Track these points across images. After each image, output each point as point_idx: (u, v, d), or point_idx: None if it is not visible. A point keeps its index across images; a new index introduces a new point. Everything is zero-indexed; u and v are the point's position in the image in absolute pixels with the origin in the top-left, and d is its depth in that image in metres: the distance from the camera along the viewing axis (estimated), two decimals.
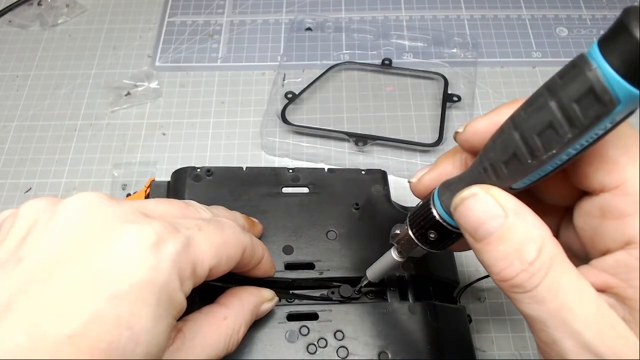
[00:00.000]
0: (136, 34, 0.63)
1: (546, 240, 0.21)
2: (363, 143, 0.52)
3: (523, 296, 0.21)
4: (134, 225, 0.24)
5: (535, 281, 0.21)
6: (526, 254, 0.21)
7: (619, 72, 0.17)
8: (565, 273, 0.21)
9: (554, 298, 0.20)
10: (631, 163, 0.21)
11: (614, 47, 0.18)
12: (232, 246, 0.27)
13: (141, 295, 0.22)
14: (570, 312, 0.20)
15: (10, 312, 0.21)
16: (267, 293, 0.32)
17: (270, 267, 0.33)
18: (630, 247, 0.20)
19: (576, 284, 0.21)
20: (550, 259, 0.21)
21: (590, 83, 0.18)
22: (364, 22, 0.63)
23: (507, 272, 0.21)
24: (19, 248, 0.23)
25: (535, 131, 0.20)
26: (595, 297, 0.21)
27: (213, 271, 0.26)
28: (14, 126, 0.55)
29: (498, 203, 0.22)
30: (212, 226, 0.27)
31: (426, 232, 0.26)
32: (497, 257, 0.22)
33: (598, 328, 0.20)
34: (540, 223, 0.22)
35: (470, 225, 0.23)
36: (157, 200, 0.29)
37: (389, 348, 0.32)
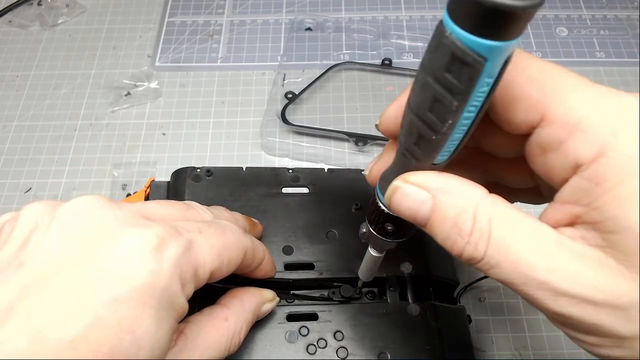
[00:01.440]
0: (136, 34, 0.63)
1: (479, 204, 0.21)
2: (363, 143, 0.52)
3: (481, 265, 0.21)
4: (135, 229, 0.24)
5: (482, 249, 0.20)
6: (463, 226, 0.21)
7: (471, 31, 0.17)
8: (509, 228, 0.20)
9: (507, 256, 0.20)
10: (543, 91, 0.21)
11: (459, 8, 0.17)
12: (233, 249, 0.27)
13: (143, 299, 0.22)
14: (528, 264, 0.20)
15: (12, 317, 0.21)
16: (268, 293, 0.32)
17: (271, 268, 0.33)
18: (580, 169, 0.20)
19: (527, 233, 0.20)
20: (488, 221, 0.21)
21: (450, 50, 0.18)
22: (364, 22, 0.63)
23: (455, 249, 0.21)
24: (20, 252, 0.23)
25: (426, 108, 0.20)
26: (553, 238, 0.20)
27: (214, 274, 0.26)
28: (14, 126, 0.55)
29: (421, 187, 0.22)
30: (213, 229, 0.27)
31: (383, 225, 0.27)
32: (442, 237, 0.22)
33: (565, 269, 0.20)
34: (469, 188, 0.21)
35: (407, 216, 0.23)
36: (157, 203, 0.29)
37: (388, 348, 0.32)
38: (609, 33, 0.62)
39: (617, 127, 0.19)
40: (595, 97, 0.20)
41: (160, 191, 0.39)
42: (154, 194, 0.39)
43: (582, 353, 0.41)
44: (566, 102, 0.20)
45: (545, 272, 0.20)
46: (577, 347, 0.41)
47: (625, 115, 0.19)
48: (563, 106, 0.20)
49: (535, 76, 0.21)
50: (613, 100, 0.20)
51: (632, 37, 0.61)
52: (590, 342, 0.21)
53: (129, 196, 0.46)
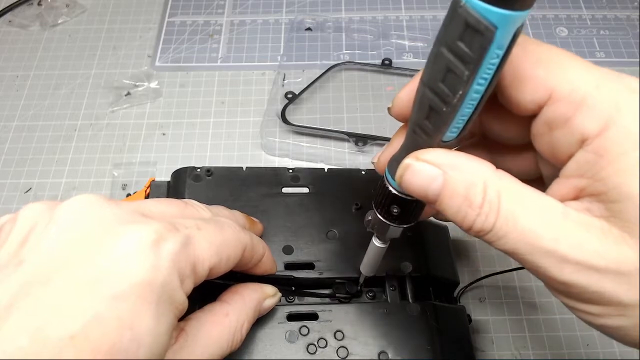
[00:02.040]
0: (136, 34, 0.63)
1: (488, 179, 0.22)
2: (363, 143, 0.52)
3: (490, 236, 0.22)
4: (133, 225, 0.24)
5: (491, 219, 0.21)
6: (473, 200, 0.22)
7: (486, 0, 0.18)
8: (517, 200, 0.21)
9: (515, 227, 0.21)
10: (550, 71, 0.22)
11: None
12: (231, 245, 0.28)
13: (142, 295, 0.22)
14: (535, 234, 0.21)
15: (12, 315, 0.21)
16: (270, 289, 0.32)
17: (272, 265, 0.33)
18: (585, 143, 0.21)
19: (534, 205, 0.21)
20: (497, 193, 0.21)
21: (464, 18, 0.19)
22: (364, 22, 0.63)
23: (466, 222, 0.22)
24: (19, 251, 0.23)
25: (438, 79, 0.21)
26: (559, 210, 0.21)
27: (213, 270, 0.26)
28: (14, 126, 0.55)
29: (432, 164, 0.23)
30: (212, 226, 0.27)
31: (389, 208, 0.27)
32: (453, 211, 0.22)
33: (571, 238, 0.20)
34: (478, 164, 0.22)
35: (418, 194, 0.23)
36: (156, 201, 0.29)
37: (388, 348, 0.32)
38: (609, 33, 0.62)
39: (620, 103, 0.20)
40: (599, 76, 0.21)
41: (160, 191, 0.39)
42: (154, 194, 0.39)
43: (582, 353, 0.41)
44: (572, 80, 0.21)
45: (551, 241, 0.20)
46: (577, 348, 0.41)
47: (627, 92, 0.20)
48: (569, 84, 0.21)
49: (542, 57, 0.22)
50: (616, 80, 0.21)
51: (632, 37, 0.61)
52: (591, 312, 0.21)
53: (129, 196, 0.46)
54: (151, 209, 0.27)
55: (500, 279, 0.43)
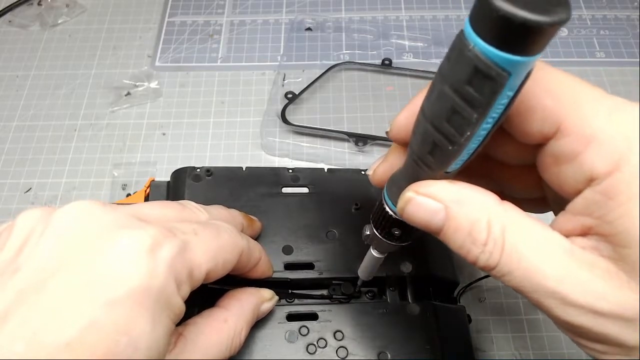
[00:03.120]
0: (136, 34, 0.63)
1: (493, 214, 0.21)
2: (363, 143, 0.52)
3: (494, 272, 0.21)
4: (129, 231, 0.24)
5: (496, 257, 0.21)
6: (477, 237, 0.21)
7: (497, 46, 0.17)
8: (522, 237, 0.21)
9: (519, 265, 0.20)
10: (559, 102, 0.21)
11: (483, 20, 0.17)
12: (228, 250, 0.28)
13: (138, 301, 0.22)
14: (538, 273, 0.20)
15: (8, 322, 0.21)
16: (267, 293, 0.32)
17: (268, 268, 0.33)
18: (594, 182, 0.20)
19: (539, 242, 0.21)
20: (502, 230, 0.21)
21: (473, 63, 0.18)
22: (364, 22, 0.63)
23: (470, 257, 0.22)
24: (16, 258, 0.23)
25: (443, 118, 0.20)
26: (564, 247, 0.20)
27: (210, 275, 0.26)
28: (14, 126, 0.55)
29: (434, 199, 0.22)
30: (209, 230, 0.27)
31: (390, 230, 0.27)
32: (457, 245, 0.22)
33: (575, 279, 0.20)
34: (482, 197, 0.22)
35: (420, 225, 0.23)
36: (152, 204, 0.29)
37: (388, 348, 0.32)
38: (609, 33, 0.62)
39: (633, 141, 0.19)
40: (611, 109, 0.20)
41: (160, 191, 0.39)
42: (154, 194, 0.39)
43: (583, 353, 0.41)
44: (582, 114, 0.20)
45: (556, 281, 0.20)
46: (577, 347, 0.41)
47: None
48: (579, 118, 0.20)
49: (551, 87, 0.21)
50: (629, 112, 0.20)
51: (632, 37, 0.61)
52: (596, 350, 0.21)
53: (129, 196, 0.46)
54: (148, 212, 0.27)
55: None
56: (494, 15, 0.16)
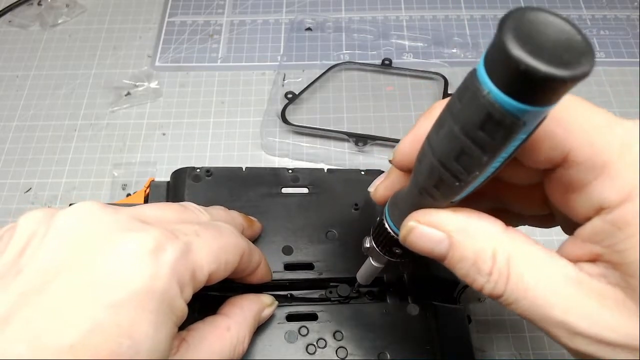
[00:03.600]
0: (136, 34, 0.63)
1: (498, 243, 0.21)
2: (363, 143, 0.52)
3: (500, 301, 0.21)
4: (132, 233, 0.24)
5: (501, 287, 0.21)
6: (482, 267, 0.21)
7: (514, 96, 0.16)
8: (528, 266, 0.21)
9: (525, 295, 0.20)
10: (569, 130, 0.20)
11: (500, 69, 0.16)
12: (230, 251, 0.27)
13: (141, 303, 0.22)
14: (545, 304, 0.20)
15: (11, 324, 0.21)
16: (267, 299, 0.32)
17: (267, 272, 0.33)
18: (604, 212, 0.20)
19: (544, 273, 0.20)
20: (507, 260, 0.21)
21: (487, 110, 0.17)
22: (364, 22, 0.63)
23: (475, 286, 0.22)
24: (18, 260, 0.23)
25: (452, 157, 0.19)
26: (571, 277, 0.20)
27: (212, 276, 0.26)
28: (14, 126, 0.55)
29: (437, 228, 0.22)
30: (211, 231, 0.27)
31: (390, 248, 0.27)
32: (462, 273, 0.22)
33: (582, 310, 0.20)
34: (487, 226, 0.22)
35: (424, 253, 0.23)
36: (154, 206, 0.29)
37: (388, 348, 0.32)
38: (609, 33, 0.62)
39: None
40: (622, 136, 0.20)
41: (160, 191, 0.39)
42: (154, 194, 0.39)
43: None
44: (592, 143, 0.20)
45: (562, 312, 0.20)
46: None
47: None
48: (589, 147, 0.20)
49: (560, 114, 0.20)
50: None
51: (632, 37, 0.61)
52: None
53: (129, 196, 0.46)
54: (149, 214, 0.27)
55: None
56: (513, 66, 0.15)
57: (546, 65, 0.15)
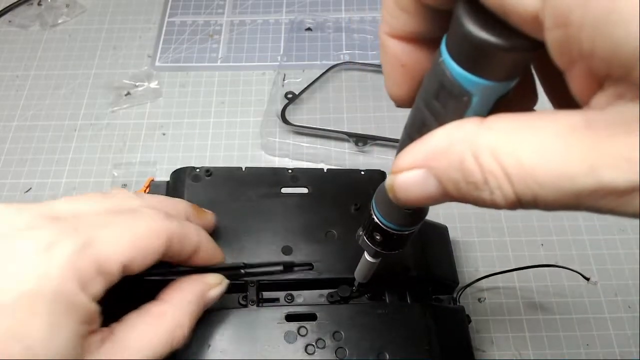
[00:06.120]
0: (136, 34, 0.63)
1: (474, 142, 0.16)
2: (363, 143, 0.52)
3: (526, 206, 0.16)
4: (27, 232, 0.23)
5: (508, 190, 0.16)
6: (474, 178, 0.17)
7: (459, 63, 0.16)
8: (521, 147, 0.16)
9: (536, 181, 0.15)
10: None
11: (452, 36, 0.17)
12: (147, 237, 0.26)
13: (30, 306, 0.21)
14: (562, 175, 0.15)
15: None
16: (212, 278, 0.31)
17: (213, 253, 0.31)
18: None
19: (544, 141, 0.15)
20: (492, 155, 0.16)
21: (439, 78, 0.17)
22: (364, 22, 0.63)
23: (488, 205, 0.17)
24: None
25: (415, 130, 0.20)
26: (576, 125, 0.15)
27: (131, 266, 0.25)
28: (14, 126, 0.55)
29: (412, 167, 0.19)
30: (123, 218, 0.26)
31: (372, 234, 0.27)
32: (470, 201, 0.18)
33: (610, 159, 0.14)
34: (456, 129, 0.17)
35: (426, 204, 0.20)
36: (69, 199, 0.27)
37: (387, 349, 0.32)
38: None
39: None
40: None
41: (160, 191, 0.39)
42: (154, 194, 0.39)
43: (582, 353, 0.41)
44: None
45: (587, 174, 0.14)
46: (577, 348, 0.41)
47: None
48: None
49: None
50: None
51: None
52: None
53: None
54: (61, 208, 0.26)
55: (500, 279, 0.43)
56: (458, 31, 0.16)
57: (484, 32, 0.15)
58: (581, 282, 0.44)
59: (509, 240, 0.46)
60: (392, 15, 0.20)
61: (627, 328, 0.42)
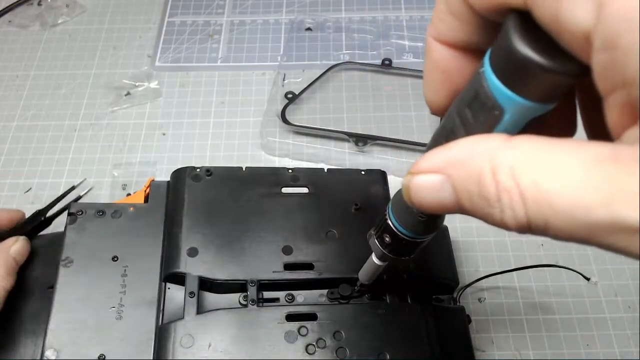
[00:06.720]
0: (136, 34, 0.63)
1: (495, 157, 0.16)
2: (363, 143, 0.52)
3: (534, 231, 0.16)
4: None
5: (520, 210, 0.16)
6: (488, 194, 0.16)
7: (498, 75, 0.16)
8: (541, 170, 0.15)
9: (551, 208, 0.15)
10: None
11: (498, 49, 0.17)
12: None
13: None
14: (579, 208, 0.14)
15: None
16: (9, 241, 0.37)
17: (8, 216, 0.40)
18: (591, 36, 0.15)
19: (565, 168, 0.15)
20: (511, 173, 0.16)
21: (475, 87, 0.17)
22: (364, 22, 0.63)
23: (497, 224, 0.17)
24: None
25: (443, 137, 0.20)
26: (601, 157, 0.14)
27: None
28: (14, 126, 0.55)
29: (431, 171, 0.18)
30: None
31: (382, 234, 0.27)
32: (480, 216, 0.18)
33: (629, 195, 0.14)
34: (481, 143, 0.17)
35: (437, 210, 0.19)
36: None
37: (387, 349, 0.32)
38: None
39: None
40: None
41: (160, 191, 0.39)
42: (154, 194, 0.39)
43: (582, 353, 0.41)
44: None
45: (604, 205, 0.14)
46: (577, 348, 0.41)
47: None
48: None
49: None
50: None
51: None
52: None
53: (129, 196, 0.46)
54: None
55: (500, 279, 0.43)
56: (503, 43, 0.16)
57: (529, 48, 0.15)
58: (581, 282, 0.44)
59: (509, 240, 0.46)
60: (441, 19, 0.20)
61: (627, 328, 0.42)
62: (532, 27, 0.16)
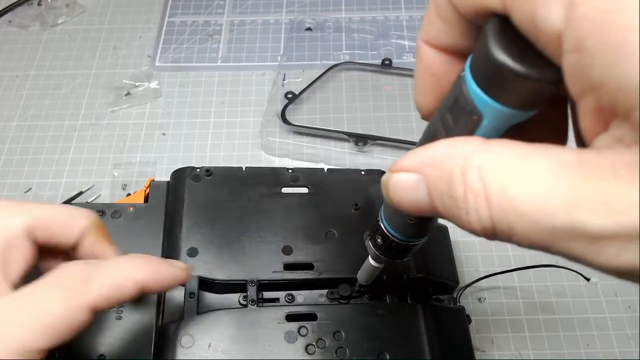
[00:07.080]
0: (136, 34, 0.63)
1: (467, 159, 0.16)
2: (363, 143, 0.52)
3: (500, 236, 0.16)
4: None
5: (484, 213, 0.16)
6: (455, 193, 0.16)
7: (476, 80, 0.17)
8: (508, 174, 0.15)
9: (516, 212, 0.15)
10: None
11: (477, 54, 0.17)
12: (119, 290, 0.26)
13: None
14: (542, 211, 0.14)
15: None
16: None
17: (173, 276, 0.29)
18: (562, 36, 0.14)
19: (530, 174, 0.15)
20: (479, 176, 0.16)
21: (455, 92, 0.17)
22: (364, 22, 0.63)
23: (462, 225, 0.17)
24: None
25: (427, 140, 0.20)
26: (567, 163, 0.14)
27: None
28: (14, 126, 0.55)
29: (408, 170, 0.19)
30: None
31: (375, 235, 0.27)
32: (449, 217, 0.18)
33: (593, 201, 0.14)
34: (457, 145, 0.17)
35: (412, 210, 0.19)
36: None
37: (387, 349, 0.32)
38: None
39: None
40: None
41: (160, 191, 0.39)
42: (154, 194, 0.39)
43: (582, 353, 0.41)
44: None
45: (567, 212, 0.14)
46: (577, 348, 0.41)
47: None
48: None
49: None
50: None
51: None
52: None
53: (129, 196, 0.46)
54: None
55: (500, 279, 0.43)
56: (482, 49, 0.16)
57: (506, 55, 0.15)
58: (581, 282, 0.44)
59: None
60: (430, 22, 0.20)
61: (627, 328, 0.42)
62: (511, 32, 0.16)
